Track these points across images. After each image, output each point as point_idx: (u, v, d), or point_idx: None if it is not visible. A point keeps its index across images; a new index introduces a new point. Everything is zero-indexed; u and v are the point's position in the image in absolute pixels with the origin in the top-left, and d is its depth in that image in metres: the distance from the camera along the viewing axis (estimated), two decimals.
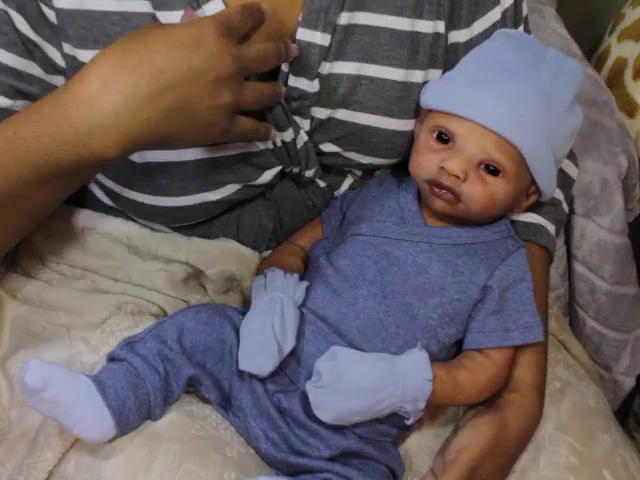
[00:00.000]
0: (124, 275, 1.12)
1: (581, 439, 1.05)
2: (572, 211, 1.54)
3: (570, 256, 1.57)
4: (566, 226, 1.56)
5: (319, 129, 1.08)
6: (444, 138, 1.03)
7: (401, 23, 1.07)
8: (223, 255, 1.12)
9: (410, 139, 1.12)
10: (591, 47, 1.93)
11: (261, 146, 1.06)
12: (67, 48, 1.00)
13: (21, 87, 1.01)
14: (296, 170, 1.10)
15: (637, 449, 1.60)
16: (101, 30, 0.99)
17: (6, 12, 0.97)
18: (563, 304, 1.58)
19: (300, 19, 1.02)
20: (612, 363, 1.61)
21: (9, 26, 0.98)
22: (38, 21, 0.98)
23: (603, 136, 1.57)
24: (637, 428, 1.74)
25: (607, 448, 1.05)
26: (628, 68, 1.74)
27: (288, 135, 1.06)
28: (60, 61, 1.01)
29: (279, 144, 1.06)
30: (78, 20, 0.98)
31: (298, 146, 1.07)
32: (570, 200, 1.50)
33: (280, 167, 1.09)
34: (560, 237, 1.55)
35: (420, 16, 1.07)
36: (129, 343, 1.00)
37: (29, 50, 0.99)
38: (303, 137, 1.07)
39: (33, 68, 1.01)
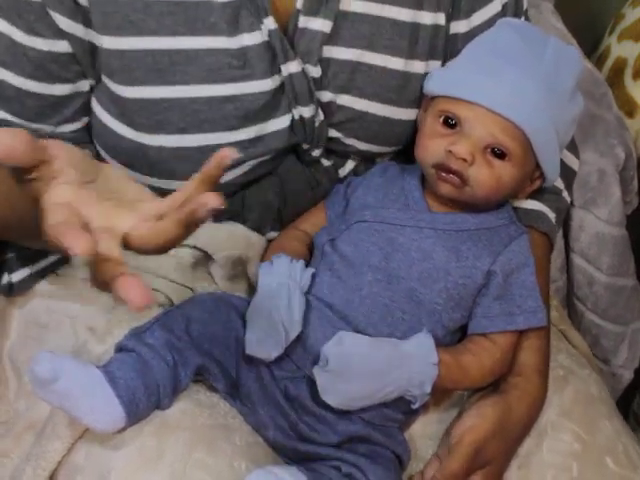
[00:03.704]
0: (131, 260, 1.11)
1: (584, 426, 1.05)
2: (570, 203, 1.55)
3: (568, 248, 1.57)
4: (564, 218, 1.56)
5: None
6: (451, 123, 1.03)
7: (402, 14, 1.08)
8: (231, 239, 1.12)
9: (409, 129, 1.13)
10: (591, 47, 1.93)
11: (279, 125, 1.07)
12: (90, 34, 1.02)
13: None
14: (306, 147, 1.11)
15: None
16: (124, 17, 1.00)
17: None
18: (561, 297, 1.58)
19: (300, 7, 1.04)
20: (610, 356, 1.61)
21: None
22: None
23: (600, 128, 1.57)
24: (637, 428, 1.74)
25: (609, 435, 1.06)
26: (628, 68, 1.75)
27: (308, 111, 1.07)
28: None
29: (297, 118, 1.07)
30: (101, 7, 1.00)
31: (316, 124, 1.08)
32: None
33: (292, 144, 1.10)
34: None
35: (421, 7, 1.09)
36: (137, 333, 1.00)
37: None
38: (320, 116, 1.09)
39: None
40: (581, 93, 1.14)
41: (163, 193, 1.07)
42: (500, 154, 1.02)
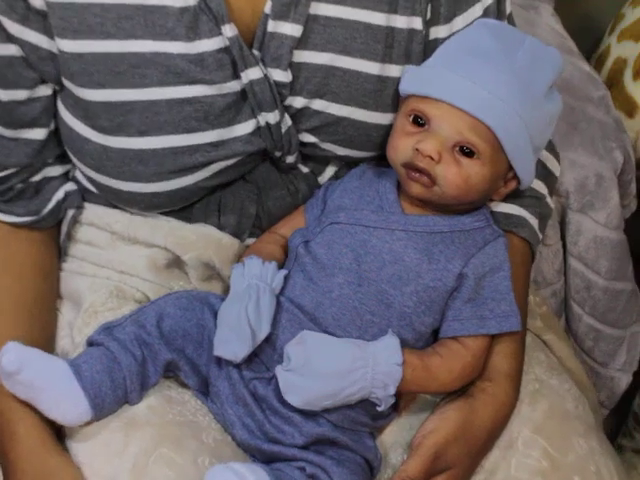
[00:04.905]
0: (108, 262, 1.13)
1: (555, 443, 1.03)
2: (568, 206, 1.53)
3: (566, 252, 1.56)
4: (562, 222, 1.55)
5: (295, 119, 1.08)
6: (419, 122, 1.03)
7: (376, 17, 1.07)
8: (201, 241, 1.12)
9: (387, 134, 1.11)
10: (591, 47, 1.92)
11: (243, 130, 1.07)
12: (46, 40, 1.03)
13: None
14: (278, 154, 1.10)
15: (635, 449, 1.57)
16: (82, 21, 1.00)
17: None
18: (559, 300, 1.58)
19: (269, 11, 1.03)
20: (608, 359, 1.60)
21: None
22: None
23: (599, 131, 1.56)
24: (637, 428, 1.73)
25: (582, 454, 1.03)
26: (628, 68, 1.73)
27: (273, 117, 1.06)
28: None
29: (263, 124, 1.06)
30: (59, 12, 1.00)
31: (283, 130, 1.08)
32: (566, 195, 1.50)
33: (260, 149, 1.09)
34: (556, 232, 1.54)
35: (395, 11, 1.08)
36: (107, 328, 1.01)
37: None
38: (287, 121, 1.08)
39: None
40: (579, 96, 1.12)
41: (130, 197, 1.08)
42: (469, 152, 1.01)
